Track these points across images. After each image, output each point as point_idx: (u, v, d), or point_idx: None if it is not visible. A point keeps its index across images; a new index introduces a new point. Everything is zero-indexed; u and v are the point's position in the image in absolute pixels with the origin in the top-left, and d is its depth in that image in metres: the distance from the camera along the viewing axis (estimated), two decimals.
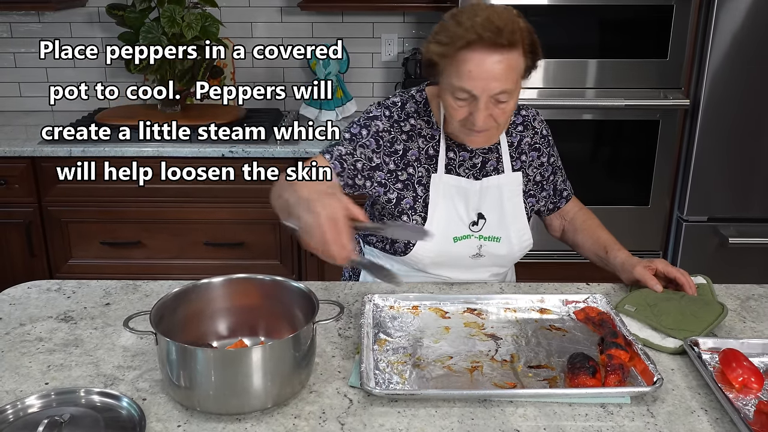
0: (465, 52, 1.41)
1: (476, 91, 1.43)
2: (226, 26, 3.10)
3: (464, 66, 1.41)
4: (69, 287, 1.60)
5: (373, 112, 1.63)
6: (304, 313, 1.26)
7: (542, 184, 1.75)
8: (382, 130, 1.60)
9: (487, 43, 1.39)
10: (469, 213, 1.63)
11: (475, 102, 1.45)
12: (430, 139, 1.63)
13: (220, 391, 1.13)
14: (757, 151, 2.72)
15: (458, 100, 1.46)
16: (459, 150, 1.63)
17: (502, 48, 1.40)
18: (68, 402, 1.16)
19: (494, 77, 1.41)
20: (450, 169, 1.63)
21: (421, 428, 1.13)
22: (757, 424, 1.13)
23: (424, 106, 1.64)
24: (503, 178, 1.66)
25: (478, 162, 1.65)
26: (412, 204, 1.62)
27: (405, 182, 1.62)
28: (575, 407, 1.19)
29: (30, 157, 2.72)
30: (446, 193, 1.62)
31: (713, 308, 1.48)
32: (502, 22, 1.40)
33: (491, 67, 1.41)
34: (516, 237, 1.66)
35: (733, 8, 2.56)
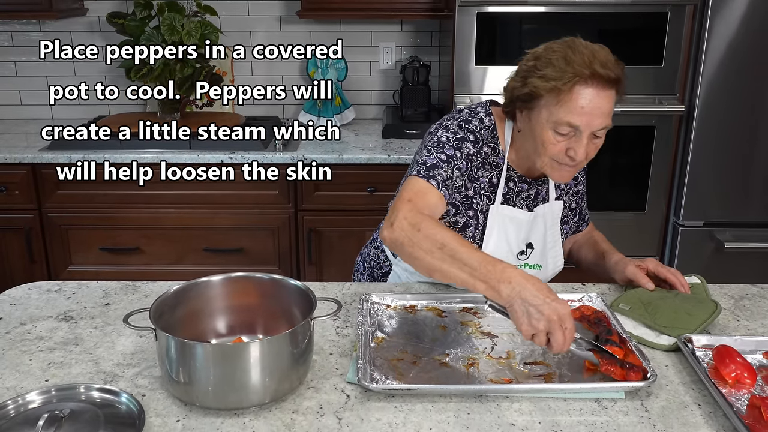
0: (579, 87, 1.41)
1: (583, 126, 1.42)
2: (226, 35, 3.13)
3: (577, 101, 1.41)
4: (69, 288, 1.62)
5: (459, 132, 1.56)
6: (302, 311, 1.27)
7: (576, 210, 1.77)
8: (471, 154, 1.56)
9: (601, 79, 1.40)
10: (519, 243, 1.64)
11: (576, 137, 1.45)
12: (494, 167, 1.60)
13: (218, 386, 1.15)
14: (752, 157, 2.74)
15: (558, 134, 1.45)
16: (518, 181, 1.62)
17: (612, 84, 1.42)
18: (68, 398, 1.17)
19: (601, 113, 1.43)
20: (507, 199, 1.62)
21: (417, 423, 1.14)
22: (749, 417, 1.15)
23: (492, 132, 1.59)
24: (548, 207, 1.67)
25: (533, 193, 1.65)
26: (473, 232, 1.61)
27: (476, 210, 1.60)
28: (570, 402, 1.20)
29: (30, 164, 2.74)
30: (501, 223, 1.61)
31: (707, 306, 1.49)
32: (605, 58, 1.42)
33: (600, 104, 1.42)
34: (552, 262, 1.69)
35: (727, 15, 2.59)
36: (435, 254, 1.31)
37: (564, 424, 1.14)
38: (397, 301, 1.52)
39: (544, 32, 2.76)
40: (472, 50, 2.67)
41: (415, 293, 1.55)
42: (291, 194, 2.78)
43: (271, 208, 2.80)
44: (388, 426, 1.13)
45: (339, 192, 2.77)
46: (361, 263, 1.86)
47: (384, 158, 2.72)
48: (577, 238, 1.85)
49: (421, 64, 3.10)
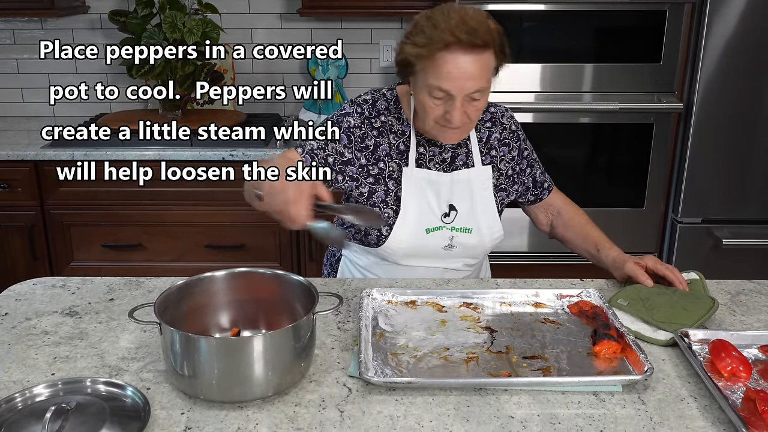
0: (443, 54, 1.47)
1: (454, 90, 1.49)
2: (227, 32, 3.15)
3: (443, 67, 1.47)
4: (73, 284, 1.63)
5: (346, 109, 1.70)
6: (304, 305, 1.29)
7: (514, 177, 1.80)
8: (353, 126, 1.67)
9: (464, 44, 1.45)
10: (441, 205, 1.69)
11: (451, 101, 1.51)
12: (400, 135, 1.68)
13: (222, 379, 1.16)
14: (750, 154, 2.76)
15: (434, 99, 1.52)
16: (429, 145, 1.69)
17: (477, 48, 1.46)
18: (75, 391, 1.19)
19: (471, 77, 1.48)
20: (420, 163, 1.69)
21: (418, 415, 1.16)
22: (745, 410, 1.16)
23: (395, 104, 1.70)
24: (473, 171, 1.71)
25: (448, 157, 1.71)
26: (383, 197, 1.67)
27: (376, 176, 1.67)
28: (568, 395, 1.22)
29: (32, 161, 2.75)
30: (418, 186, 1.67)
31: (704, 302, 1.51)
32: (475, 23, 1.46)
33: (468, 67, 1.47)
34: (487, 228, 1.72)
35: (725, 13, 2.61)
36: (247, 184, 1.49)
37: (562, 417, 1.16)
38: (397, 296, 1.54)
39: (544, 30, 2.78)
40: None
41: (416, 289, 1.57)
42: None
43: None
44: (389, 419, 1.15)
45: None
46: (325, 256, 1.94)
47: None
48: (551, 210, 1.86)
49: None
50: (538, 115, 2.77)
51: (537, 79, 2.76)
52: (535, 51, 2.75)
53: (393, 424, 1.14)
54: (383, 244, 1.68)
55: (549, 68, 2.75)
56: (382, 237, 1.67)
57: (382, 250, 1.69)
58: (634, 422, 1.15)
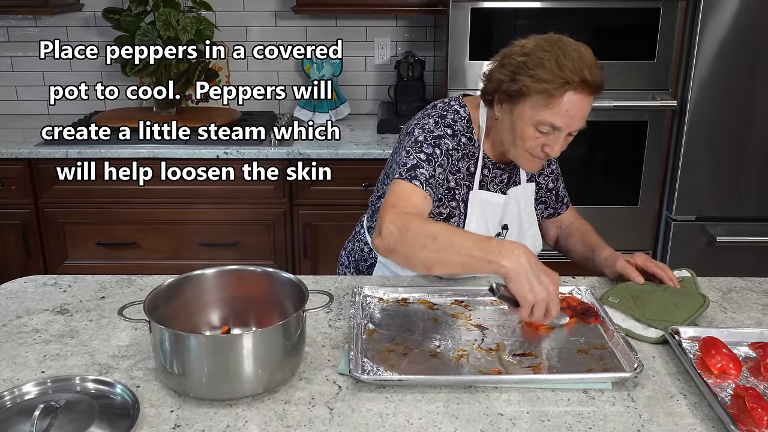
0: (570, 94, 1.45)
1: (565, 127, 1.49)
2: (221, 30, 3.14)
3: (564, 106, 1.46)
4: (65, 281, 1.63)
5: (435, 130, 1.59)
6: (294, 303, 1.29)
7: (552, 190, 1.82)
8: (451, 149, 1.59)
9: (590, 86, 1.45)
10: (495, 225, 1.69)
11: (555, 135, 1.51)
12: (470, 156, 1.65)
13: (212, 377, 1.16)
14: (744, 151, 2.76)
15: (539, 132, 1.51)
16: (493, 167, 1.68)
17: (597, 91, 1.48)
18: (64, 389, 1.19)
19: (583, 116, 1.50)
20: (483, 185, 1.68)
21: (407, 413, 1.16)
22: (734, 407, 1.17)
23: (467, 123, 1.64)
24: (519, 189, 1.72)
25: (505, 177, 1.71)
26: (458, 222, 1.65)
27: (458, 200, 1.65)
28: (558, 392, 1.22)
29: (27, 159, 2.75)
30: (480, 209, 1.66)
31: (695, 300, 1.51)
32: (591, 62, 1.46)
33: (584, 108, 1.48)
34: (531, 242, 1.73)
35: (719, 10, 2.61)
36: (429, 247, 1.32)
37: (551, 414, 1.17)
38: (389, 294, 1.54)
39: (538, 27, 2.75)
40: (467, 45, 2.68)
41: (407, 286, 1.57)
42: (286, 189, 2.80)
43: (266, 203, 2.82)
44: (378, 416, 1.15)
45: (334, 187, 2.78)
46: (346, 257, 1.89)
47: (379, 153, 2.74)
48: (561, 224, 1.88)
49: (415, 60, 3.12)
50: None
51: None
52: None
53: (382, 421, 1.14)
54: None
55: None
56: None
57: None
58: (624, 419, 1.15)
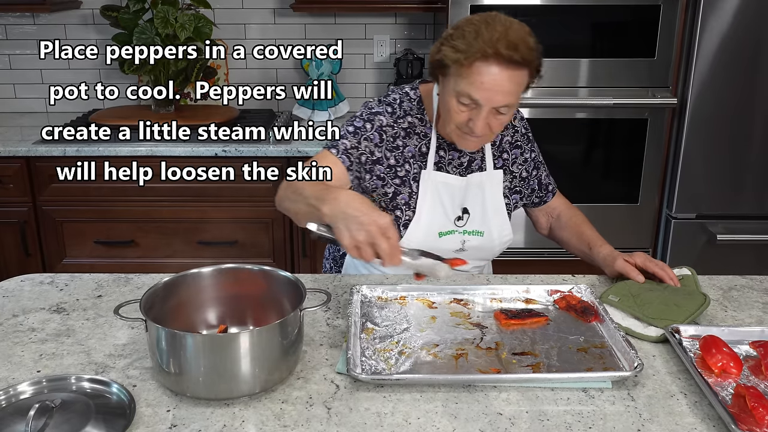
0: (481, 64, 1.45)
1: (482, 101, 1.48)
2: (219, 27, 3.13)
3: (477, 76, 1.46)
4: (62, 280, 1.62)
5: (375, 108, 1.67)
6: (292, 302, 1.28)
7: (528, 180, 1.80)
8: (385, 125, 1.64)
9: (503, 58, 1.44)
10: (455, 209, 1.68)
11: (477, 110, 1.50)
12: (423, 137, 1.67)
13: (209, 376, 1.15)
14: (744, 149, 2.75)
15: (461, 105, 1.51)
16: (449, 149, 1.68)
17: (515, 65, 1.46)
18: (59, 388, 1.18)
19: (502, 91, 1.47)
20: (440, 166, 1.68)
21: (406, 412, 1.15)
22: (734, 407, 1.16)
23: (418, 104, 1.68)
24: (485, 175, 1.71)
25: (465, 161, 1.70)
26: (407, 200, 1.66)
27: (403, 178, 1.66)
28: (557, 392, 1.21)
29: (25, 157, 2.74)
30: (434, 189, 1.66)
31: (696, 298, 1.50)
32: (518, 38, 1.45)
33: (501, 82, 1.46)
34: (497, 231, 1.72)
35: (719, 7, 2.60)
36: (292, 200, 1.47)
37: (551, 414, 1.16)
38: (387, 292, 1.53)
39: (537, 25, 2.75)
40: None
41: (406, 285, 1.56)
42: None
43: (265, 201, 2.81)
44: (376, 415, 1.15)
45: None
46: (327, 249, 1.93)
47: None
48: (552, 213, 1.88)
49: (414, 57, 3.11)
50: (533, 111, 2.76)
51: None
52: None
53: (380, 421, 1.13)
54: None
55: (544, 63, 2.73)
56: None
57: None
58: (624, 419, 1.14)
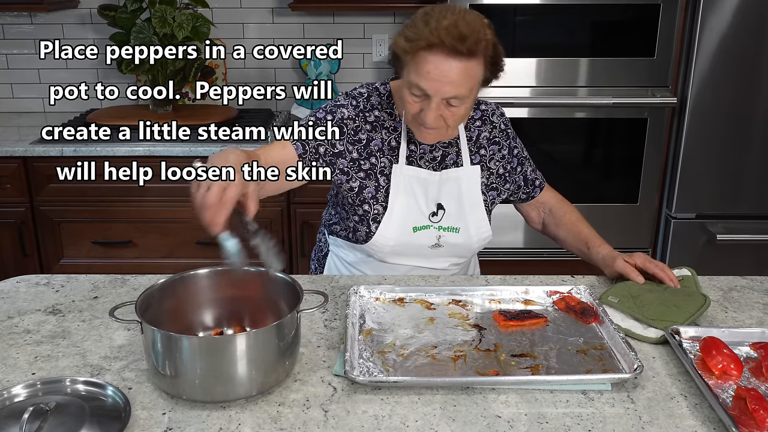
0: (425, 53, 1.44)
1: (430, 91, 1.47)
2: (218, 27, 3.12)
3: (423, 66, 1.45)
4: (57, 281, 1.61)
5: (340, 100, 1.68)
6: (289, 304, 1.27)
7: (505, 176, 1.78)
8: (346, 118, 1.65)
9: (447, 48, 1.42)
10: (429, 204, 1.67)
11: (427, 101, 1.49)
12: (392, 131, 1.67)
13: (205, 379, 1.14)
14: (744, 148, 2.74)
15: (413, 95, 1.51)
16: (420, 143, 1.67)
17: (461, 55, 1.43)
18: (54, 391, 1.16)
19: (449, 82, 1.45)
20: (411, 160, 1.67)
21: (403, 415, 1.14)
22: (735, 409, 1.15)
23: (388, 99, 1.68)
24: (462, 171, 1.70)
25: (438, 155, 1.69)
26: (374, 193, 1.66)
27: (368, 171, 1.66)
28: (556, 394, 1.20)
29: (22, 157, 2.73)
30: (407, 183, 1.65)
31: (696, 299, 1.49)
32: (467, 29, 1.43)
33: (447, 72, 1.44)
34: (474, 228, 1.70)
35: (718, 7, 2.59)
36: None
37: (550, 416, 1.15)
38: (385, 293, 1.52)
39: (538, 24, 2.76)
40: None
41: (404, 286, 1.55)
42: None
43: (263, 201, 2.77)
44: (374, 418, 1.14)
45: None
46: (313, 251, 1.92)
47: None
48: (543, 208, 1.86)
49: None
50: (532, 110, 2.75)
51: (532, 73, 2.74)
52: (530, 45, 2.73)
53: (378, 424, 1.12)
54: (370, 241, 1.65)
55: (543, 62, 2.73)
56: (369, 234, 1.65)
57: (368, 246, 1.67)
58: (623, 421, 1.13)
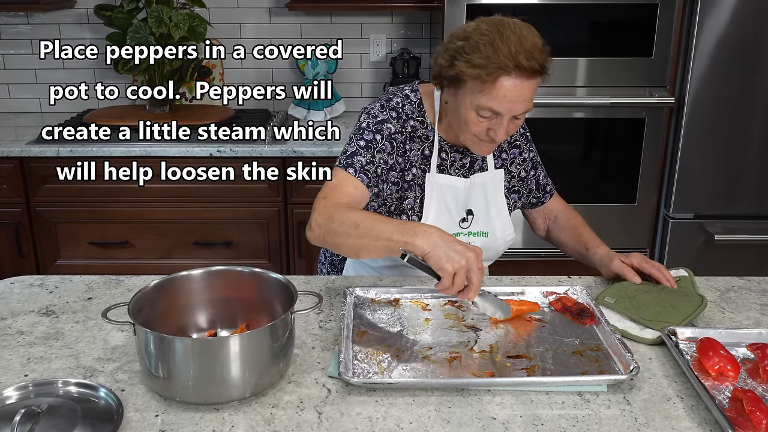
0: (503, 79, 1.43)
1: (504, 111, 1.48)
2: (215, 27, 3.11)
3: (500, 91, 1.44)
4: (52, 282, 1.61)
5: (380, 115, 1.63)
6: (283, 305, 1.26)
7: (526, 179, 1.79)
8: (394, 132, 1.61)
9: (526, 71, 1.43)
10: (459, 210, 1.67)
11: (497, 119, 1.49)
12: (425, 139, 1.65)
13: (198, 381, 1.14)
14: (742, 148, 2.73)
15: (481, 117, 1.50)
16: (451, 151, 1.67)
17: (536, 74, 1.45)
18: (46, 393, 1.16)
19: (523, 100, 1.47)
20: (442, 169, 1.66)
21: (398, 417, 1.14)
22: (731, 411, 1.14)
23: (419, 107, 1.66)
24: (487, 175, 1.70)
25: (467, 162, 1.69)
26: (412, 204, 1.65)
27: (410, 183, 1.64)
28: (552, 395, 1.19)
29: (18, 158, 2.72)
30: (439, 192, 1.65)
31: (693, 300, 1.49)
32: (531, 46, 1.43)
33: (523, 92, 1.46)
34: (500, 231, 1.71)
35: (716, 6, 2.58)
36: (353, 235, 1.39)
37: (545, 418, 1.14)
38: (381, 294, 1.51)
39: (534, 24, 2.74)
40: None
41: (400, 287, 1.54)
42: (280, 188, 2.77)
43: (260, 202, 2.79)
44: (368, 420, 1.13)
45: None
46: (323, 254, 1.90)
47: None
48: (549, 215, 1.86)
49: (411, 57, 3.09)
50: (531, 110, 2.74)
51: None
52: None
53: (372, 426, 1.12)
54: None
55: None
56: None
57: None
58: (619, 423, 1.13)
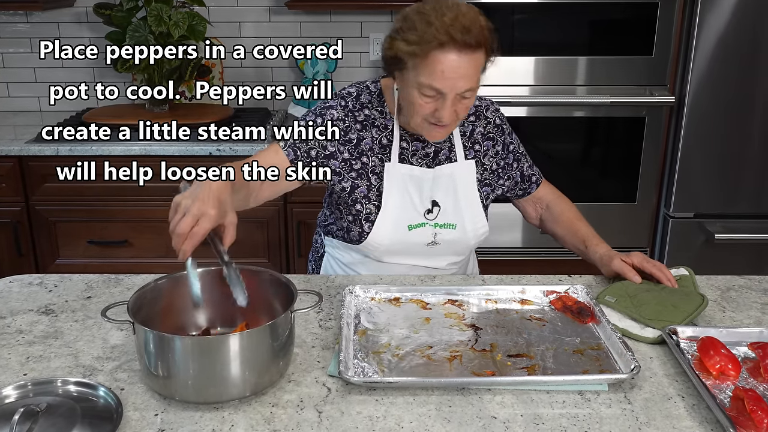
0: (437, 53, 1.43)
1: (446, 89, 1.46)
2: (214, 26, 3.11)
3: (436, 66, 1.44)
4: (51, 281, 1.60)
5: (329, 102, 1.67)
6: (283, 303, 1.26)
7: (499, 172, 1.76)
8: (336, 119, 1.64)
9: (458, 43, 1.42)
10: (423, 201, 1.66)
11: (442, 99, 1.48)
12: (383, 129, 1.66)
13: (198, 380, 1.13)
14: (742, 147, 2.73)
15: (425, 96, 1.49)
16: (412, 140, 1.66)
17: (471, 49, 1.43)
18: (45, 392, 1.15)
19: (463, 76, 1.45)
20: (403, 158, 1.66)
21: (398, 416, 1.13)
22: (733, 410, 1.14)
23: (378, 97, 1.67)
24: (456, 166, 1.68)
25: (431, 152, 1.68)
26: (366, 193, 1.65)
27: (359, 171, 1.64)
28: (553, 394, 1.19)
29: (17, 157, 2.71)
30: (400, 181, 1.64)
31: (693, 299, 1.48)
32: (469, 21, 1.43)
33: (461, 67, 1.44)
34: (471, 224, 1.69)
35: (716, 5, 2.58)
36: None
37: (546, 417, 1.14)
38: (381, 293, 1.51)
39: (535, 23, 2.75)
40: None
41: (400, 285, 1.54)
42: None
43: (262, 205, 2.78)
44: (368, 419, 1.12)
45: None
46: (310, 252, 1.92)
47: None
48: (540, 204, 1.84)
49: None
50: (530, 109, 2.74)
51: (530, 72, 2.73)
52: (528, 44, 2.72)
53: (372, 425, 1.11)
54: (364, 240, 1.64)
55: (541, 61, 2.72)
56: (363, 233, 1.64)
57: (363, 246, 1.66)
58: (620, 422, 1.12)
